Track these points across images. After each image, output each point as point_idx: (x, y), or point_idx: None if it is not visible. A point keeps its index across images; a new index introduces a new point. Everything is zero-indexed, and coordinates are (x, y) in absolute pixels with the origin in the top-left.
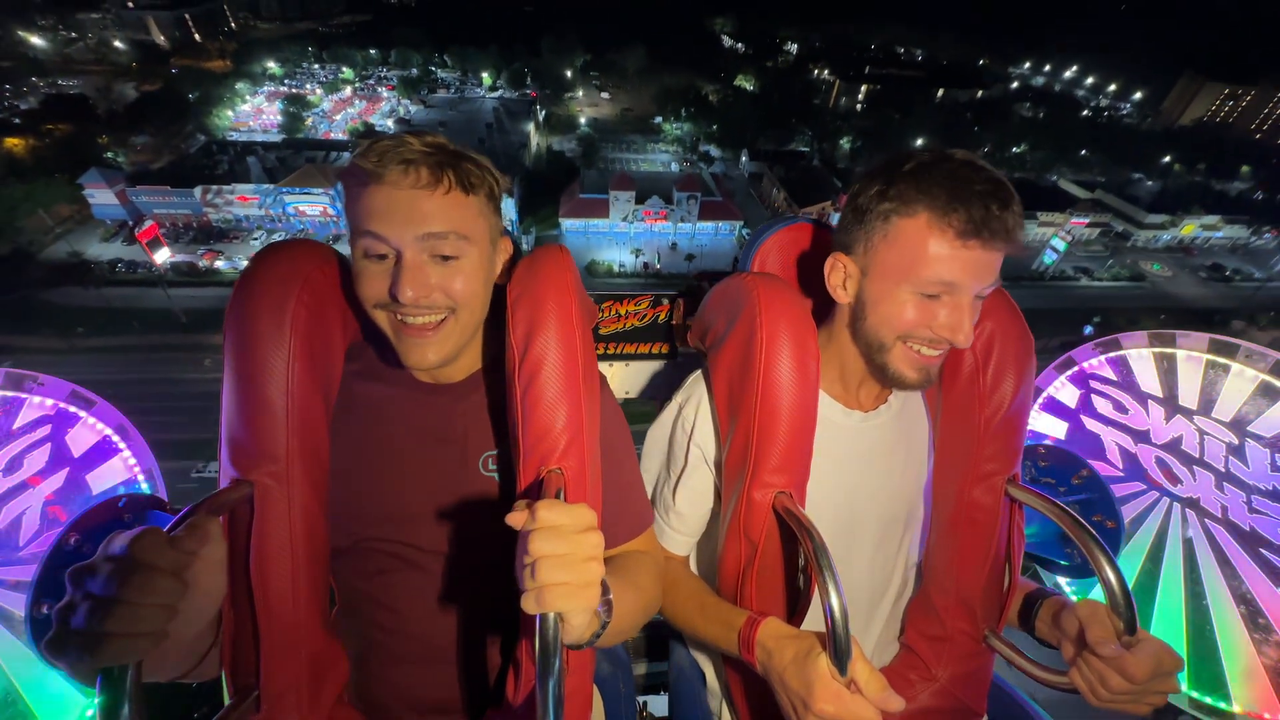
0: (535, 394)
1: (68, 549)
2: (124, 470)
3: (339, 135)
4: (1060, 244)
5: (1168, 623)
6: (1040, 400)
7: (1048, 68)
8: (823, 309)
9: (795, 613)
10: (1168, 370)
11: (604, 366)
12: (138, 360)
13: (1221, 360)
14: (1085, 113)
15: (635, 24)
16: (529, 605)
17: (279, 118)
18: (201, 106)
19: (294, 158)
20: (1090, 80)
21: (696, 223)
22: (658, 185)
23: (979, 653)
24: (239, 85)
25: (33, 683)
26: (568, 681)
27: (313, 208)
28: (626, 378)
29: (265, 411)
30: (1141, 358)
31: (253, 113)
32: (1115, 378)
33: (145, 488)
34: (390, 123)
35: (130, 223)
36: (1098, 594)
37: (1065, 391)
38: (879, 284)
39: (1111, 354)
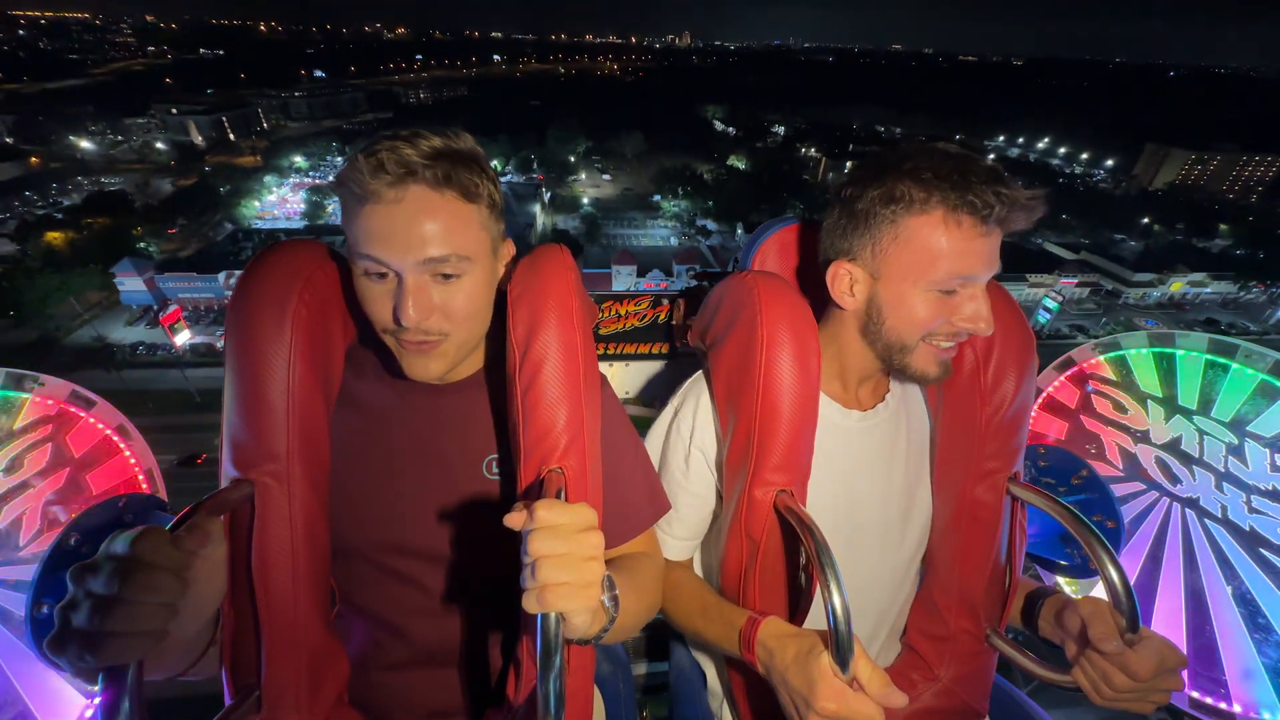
0: (536, 393)
1: (68, 549)
2: (124, 470)
3: None
4: (1052, 304)
5: (1168, 623)
6: (1040, 400)
7: (1021, 140)
8: (820, 308)
9: (797, 611)
10: (1167, 370)
11: (604, 366)
12: (160, 442)
13: (1221, 360)
14: (1061, 180)
15: (633, 113)
16: (530, 605)
17: (302, 206)
18: (231, 199)
19: None
20: (1063, 150)
21: None
22: (658, 259)
23: (981, 652)
24: (267, 178)
25: (33, 682)
26: (568, 681)
27: None
28: (626, 378)
29: (266, 411)
30: (1141, 358)
31: (278, 202)
32: (1115, 378)
33: (145, 488)
34: None
35: (155, 307)
36: (1098, 593)
37: (1065, 391)
38: (895, 287)
39: (1111, 354)
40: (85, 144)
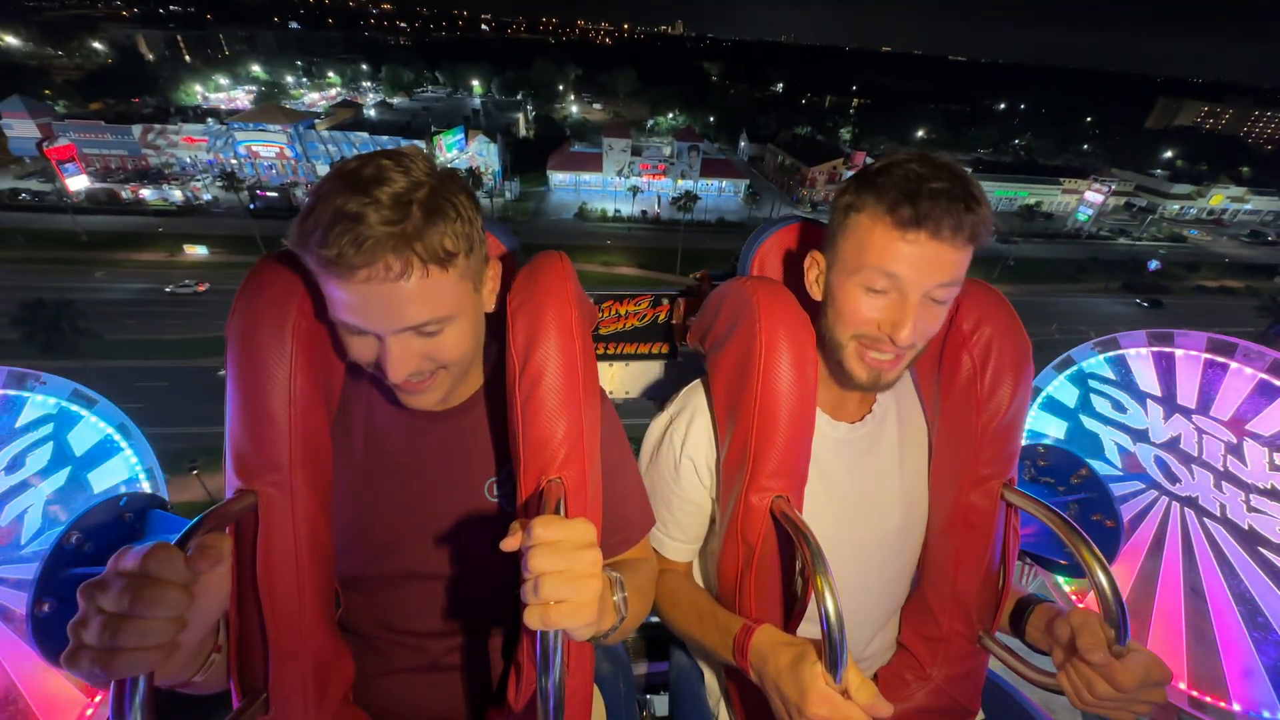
0: (535, 404)
1: (68, 548)
2: (125, 469)
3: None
4: (1095, 197)
5: (1167, 622)
6: (1039, 399)
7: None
8: (813, 314)
9: (792, 616)
10: (1166, 369)
11: (604, 366)
12: (16, 272)
13: (1220, 359)
14: (1077, 124)
15: (627, 58)
16: (532, 622)
17: (249, 103)
18: (167, 78)
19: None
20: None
21: (698, 179)
22: (653, 146)
23: (973, 653)
24: (216, 75)
25: (33, 682)
26: (568, 682)
27: (268, 149)
28: (626, 378)
29: (268, 422)
30: (1140, 357)
31: (226, 100)
32: (1114, 377)
33: (146, 487)
34: (373, 112)
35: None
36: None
37: (1064, 391)
38: (837, 277)
39: (1110, 353)
40: (11, 39)
